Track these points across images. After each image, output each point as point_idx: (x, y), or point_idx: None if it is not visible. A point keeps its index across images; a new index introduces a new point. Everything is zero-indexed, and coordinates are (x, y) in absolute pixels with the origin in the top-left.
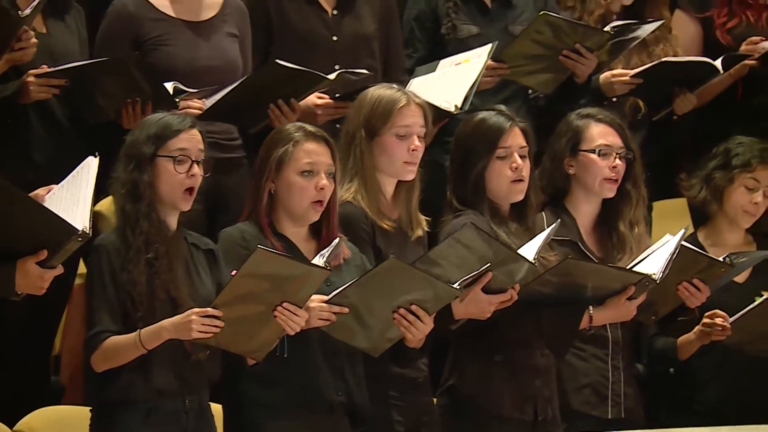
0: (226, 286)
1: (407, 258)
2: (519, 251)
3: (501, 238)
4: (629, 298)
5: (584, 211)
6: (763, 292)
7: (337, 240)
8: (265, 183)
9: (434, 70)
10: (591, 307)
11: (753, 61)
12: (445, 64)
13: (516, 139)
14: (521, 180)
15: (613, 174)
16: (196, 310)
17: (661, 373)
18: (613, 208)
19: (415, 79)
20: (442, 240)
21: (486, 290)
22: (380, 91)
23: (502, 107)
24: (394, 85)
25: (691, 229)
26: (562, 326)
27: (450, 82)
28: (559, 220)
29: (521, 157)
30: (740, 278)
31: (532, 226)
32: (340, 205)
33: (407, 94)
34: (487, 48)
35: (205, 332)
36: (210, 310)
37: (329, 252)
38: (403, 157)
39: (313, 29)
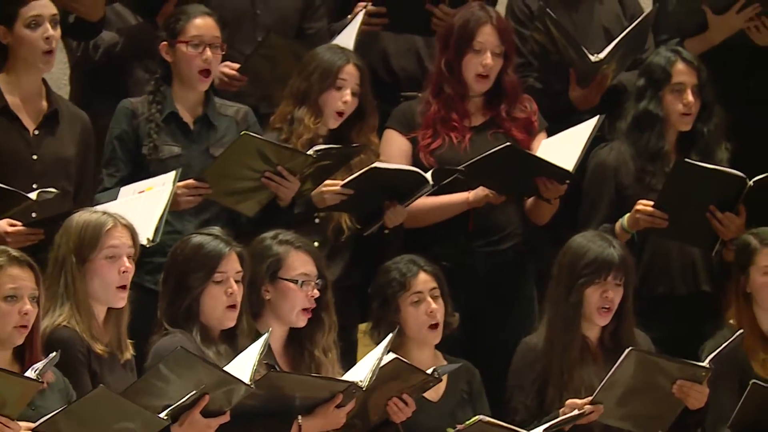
0: None
1: (119, 382)
2: (229, 368)
3: (211, 360)
4: (338, 406)
5: (275, 335)
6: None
7: (53, 354)
8: None
9: (116, 198)
10: (300, 417)
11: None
12: (126, 191)
13: (232, 264)
14: (235, 306)
15: (310, 304)
16: None
17: None
18: (306, 334)
19: (97, 207)
20: (150, 361)
21: (205, 412)
22: (86, 216)
23: (217, 230)
24: (99, 209)
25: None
26: None
27: (136, 212)
28: (266, 334)
29: (236, 281)
30: (435, 397)
31: (242, 349)
32: (55, 329)
33: (113, 216)
34: (171, 174)
35: None
36: None
37: (42, 365)
38: (115, 281)
39: (12, 147)
